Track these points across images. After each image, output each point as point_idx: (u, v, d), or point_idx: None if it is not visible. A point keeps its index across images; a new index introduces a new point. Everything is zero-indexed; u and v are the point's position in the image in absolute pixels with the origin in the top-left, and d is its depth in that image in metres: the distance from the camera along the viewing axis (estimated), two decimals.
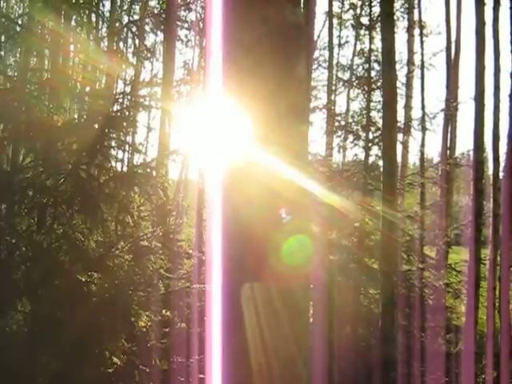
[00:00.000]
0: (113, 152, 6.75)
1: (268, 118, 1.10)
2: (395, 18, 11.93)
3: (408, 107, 15.88)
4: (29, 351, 5.41)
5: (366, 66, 10.93)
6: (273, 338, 1.09)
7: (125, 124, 6.30)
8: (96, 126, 6.14)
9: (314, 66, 16.46)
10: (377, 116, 10.77)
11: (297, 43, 1.13)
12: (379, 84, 10.47)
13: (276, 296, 1.09)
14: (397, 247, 7.79)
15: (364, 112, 10.90)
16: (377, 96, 10.64)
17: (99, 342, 5.48)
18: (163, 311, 6.44)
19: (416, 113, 15.76)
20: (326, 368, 6.72)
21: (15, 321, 5.88)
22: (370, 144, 10.53)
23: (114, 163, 7.03)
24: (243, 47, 1.10)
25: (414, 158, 19.55)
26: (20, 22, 7.74)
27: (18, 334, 5.77)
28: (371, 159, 10.57)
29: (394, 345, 5.24)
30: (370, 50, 10.53)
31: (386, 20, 5.47)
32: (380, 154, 10.49)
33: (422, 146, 15.83)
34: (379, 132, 10.38)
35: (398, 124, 10.99)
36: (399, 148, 15.08)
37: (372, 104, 10.61)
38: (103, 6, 13.98)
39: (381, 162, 9.54)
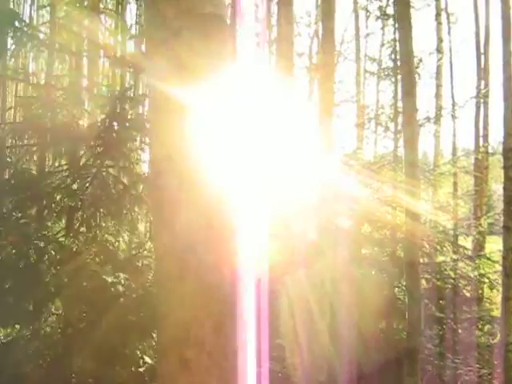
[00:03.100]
0: (137, 154, 6.80)
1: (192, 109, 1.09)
2: (419, 6, 11.76)
3: (438, 96, 15.61)
4: (63, 353, 5.51)
5: (393, 56, 10.77)
6: (200, 332, 1.09)
7: (148, 126, 6.34)
8: (120, 128, 6.20)
9: (341, 59, 16.34)
10: None
11: (218, 34, 1.11)
12: None
13: (202, 291, 1.09)
14: (421, 237, 7.66)
15: (392, 103, 10.75)
16: None
17: (130, 341, 5.54)
18: None
19: (446, 102, 15.49)
20: (353, 363, 6.66)
21: (49, 323, 6.00)
22: (397, 135, 10.39)
23: (141, 165, 7.09)
24: (160, 43, 1.09)
25: (449, 149, 19.17)
26: (44, 30, 7.88)
27: (52, 336, 5.88)
28: (400, 150, 10.41)
29: (420, 337, 5.16)
30: (395, 40, 10.37)
31: (403, 9, 5.40)
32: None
33: (454, 135, 15.56)
34: None
35: (428, 114, 10.82)
36: (431, 139, 14.88)
37: (399, 94, 10.45)
38: (130, 10, 14.17)
39: None
